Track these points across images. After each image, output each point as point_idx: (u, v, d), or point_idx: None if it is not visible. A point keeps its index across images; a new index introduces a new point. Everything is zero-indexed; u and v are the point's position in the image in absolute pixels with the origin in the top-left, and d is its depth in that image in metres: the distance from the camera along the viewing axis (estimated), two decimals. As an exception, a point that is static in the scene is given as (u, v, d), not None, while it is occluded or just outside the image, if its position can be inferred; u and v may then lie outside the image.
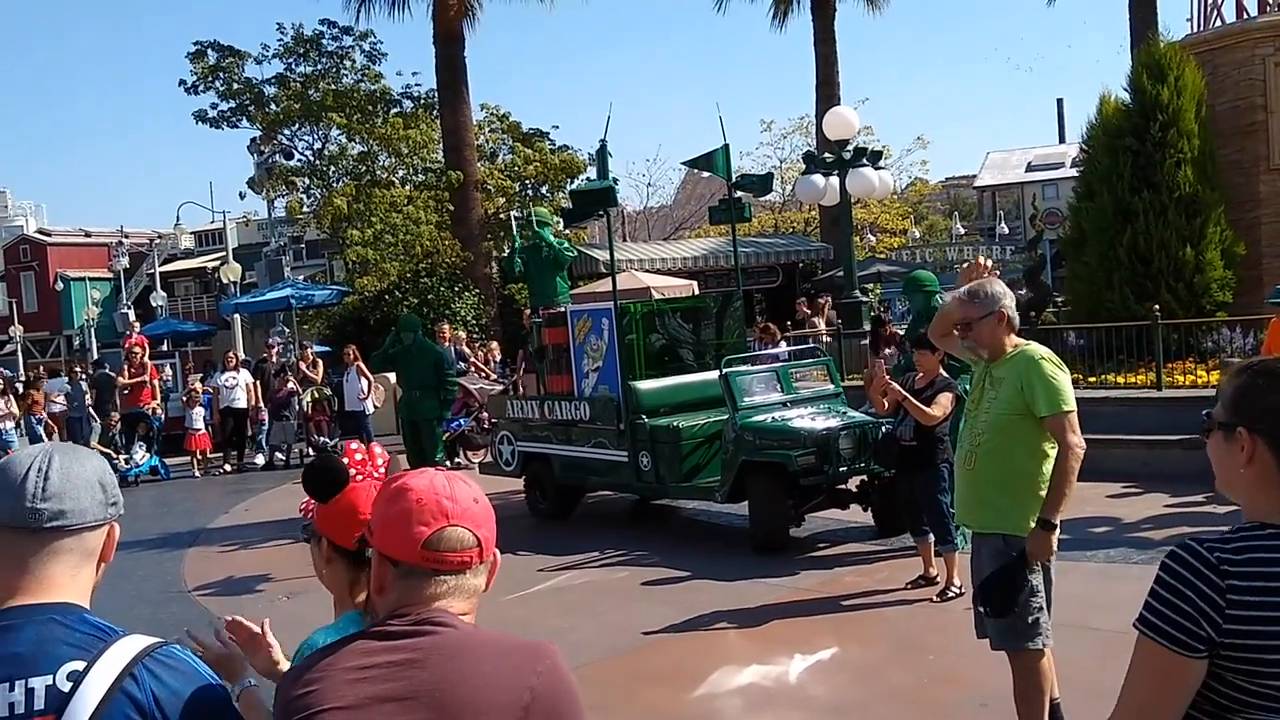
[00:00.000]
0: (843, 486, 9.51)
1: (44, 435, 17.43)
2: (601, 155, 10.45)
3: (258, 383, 18.84)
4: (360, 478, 2.60)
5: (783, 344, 15.46)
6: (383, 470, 2.64)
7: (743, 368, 9.96)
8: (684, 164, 11.91)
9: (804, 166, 19.02)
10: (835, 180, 16.75)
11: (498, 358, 18.66)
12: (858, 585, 8.08)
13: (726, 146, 10.60)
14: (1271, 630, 1.84)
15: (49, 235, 69.07)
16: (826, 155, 17.37)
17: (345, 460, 2.63)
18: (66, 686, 1.79)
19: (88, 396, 19.13)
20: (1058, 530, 4.45)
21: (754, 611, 7.60)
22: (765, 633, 7.22)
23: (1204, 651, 1.86)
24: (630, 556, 9.52)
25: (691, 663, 6.70)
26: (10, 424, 16.82)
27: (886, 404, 7.68)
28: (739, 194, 11.45)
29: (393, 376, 18.86)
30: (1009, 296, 4.72)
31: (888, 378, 7.61)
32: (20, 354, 53.81)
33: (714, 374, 9.98)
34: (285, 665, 2.59)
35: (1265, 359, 2.15)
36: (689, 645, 7.09)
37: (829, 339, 17.05)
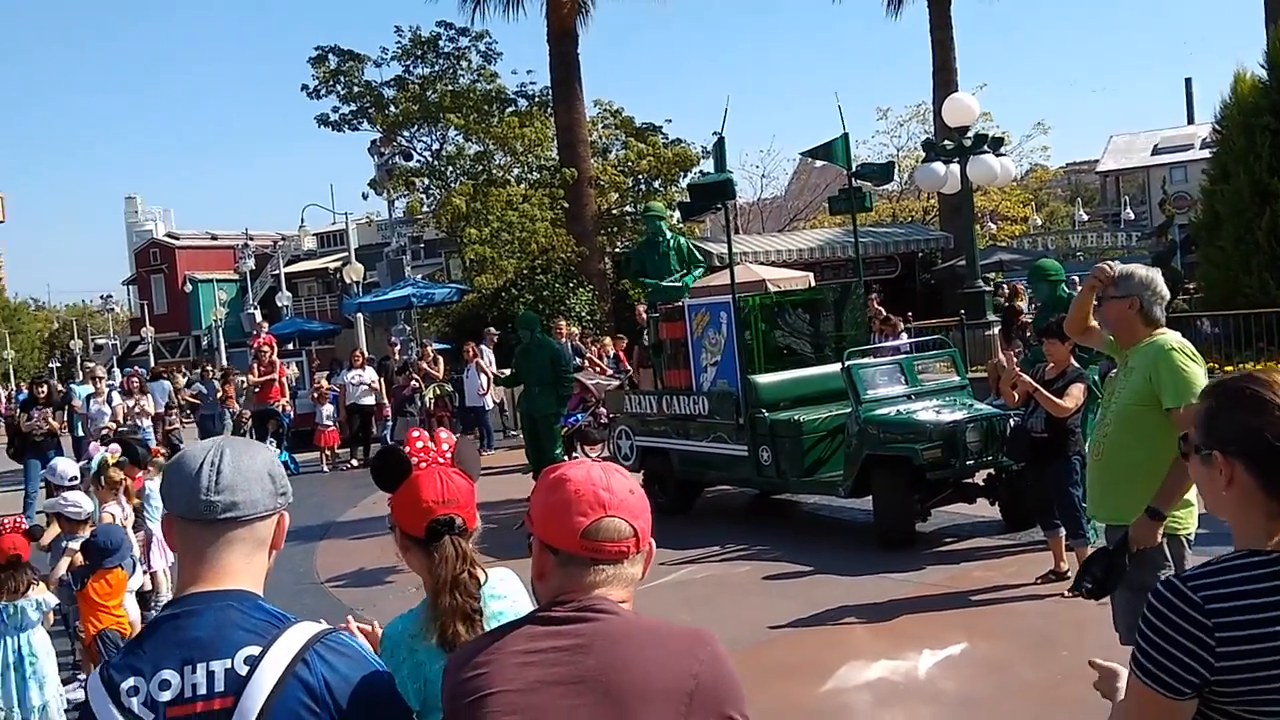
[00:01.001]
0: (969, 480, 9.33)
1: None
2: (719, 148, 10.41)
3: (382, 380, 19.28)
4: (424, 465, 2.64)
5: (903, 335, 15.26)
6: (448, 455, 2.68)
7: (865, 360, 9.83)
8: (802, 154, 11.82)
9: (921, 155, 18.74)
10: (955, 168, 16.45)
11: (611, 353, 18.77)
12: (986, 580, 7.93)
13: (846, 135, 10.49)
14: (1265, 662, 1.77)
15: (177, 239, 71.61)
16: (946, 142, 17.05)
17: (407, 449, 2.68)
18: (244, 670, 1.86)
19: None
20: (1164, 520, 4.29)
21: (880, 606, 7.51)
22: (892, 628, 7.13)
23: (1195, 691, 1.81)
24: (751, 551, 9.49)
25: (818, 657, 6.66)
26: (147, 421, 17.47)
27: (1016, 396, 7.51)
28: (859, 183, 11.31)
29: (507, 371, 19.19)
30: (1154, 288, 4.53)
31: (1017, 369, 7.45)
32: (152, 354, 55.91)
33: (835, 367, 9.89)
34: None
35: (1227, 378, 2.06)
36: (815, 639, 7.04)
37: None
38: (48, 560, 7.39)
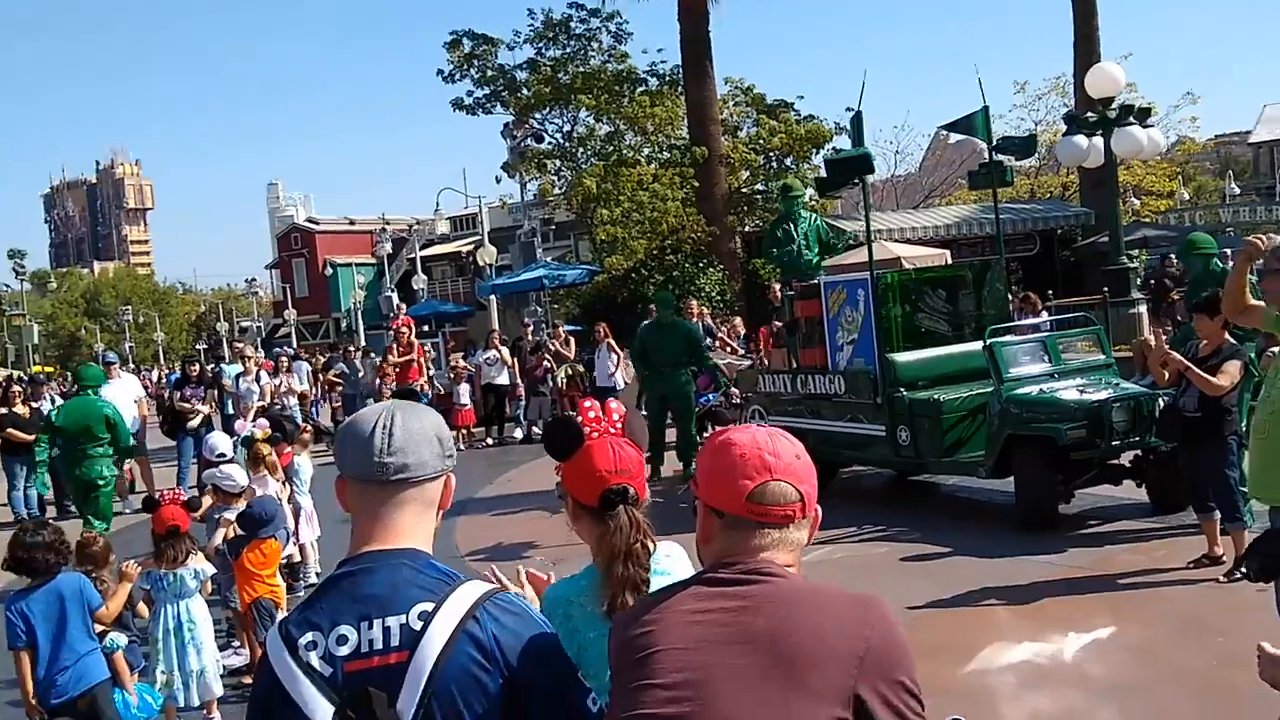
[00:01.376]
0: (1115, 461, 9.06)
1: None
2: (856, 122, 10.28)
3: (515, 360, 19.58)
4: (595, 435, 2.67)
5: (1044, 314, 14.87)
6: (619, 426, 2.70)
7: (1008, 338, 9.62)
8: (942, 128, 11.60)
9: (1060, 129, 18.18)
10: (1099, 140, 15.94)
11: (740, 333, 18.70)
12: (1134, 564, 7.71)
13: (986, 108, 10.25)
14: None
15: (317, 224, 73.78)
16: (1089, 115, 16.54)
17: (580, 419, 2.71)
18: (418, 625, 1.92)
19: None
20: None
21: (1023, 589, 7.36)
22: (1036, 610, 6.99)
23: None
24: (889, 532, 9.39)
25: (960, 638, 6.56)
26: (294, 399, 18.07)
27: (1166, 375, 7.27)
28: (999, 157, 11.05)
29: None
30: None
31: (1167, 346, 7.21)
32: (294, 336, 57.75)
33: (975, 345, 9.69)
34: None
35: None
36: (956, 620, 6.95)
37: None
38: (204, 532, 7.73)
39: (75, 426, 10.76)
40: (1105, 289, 15.95)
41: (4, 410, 14.75)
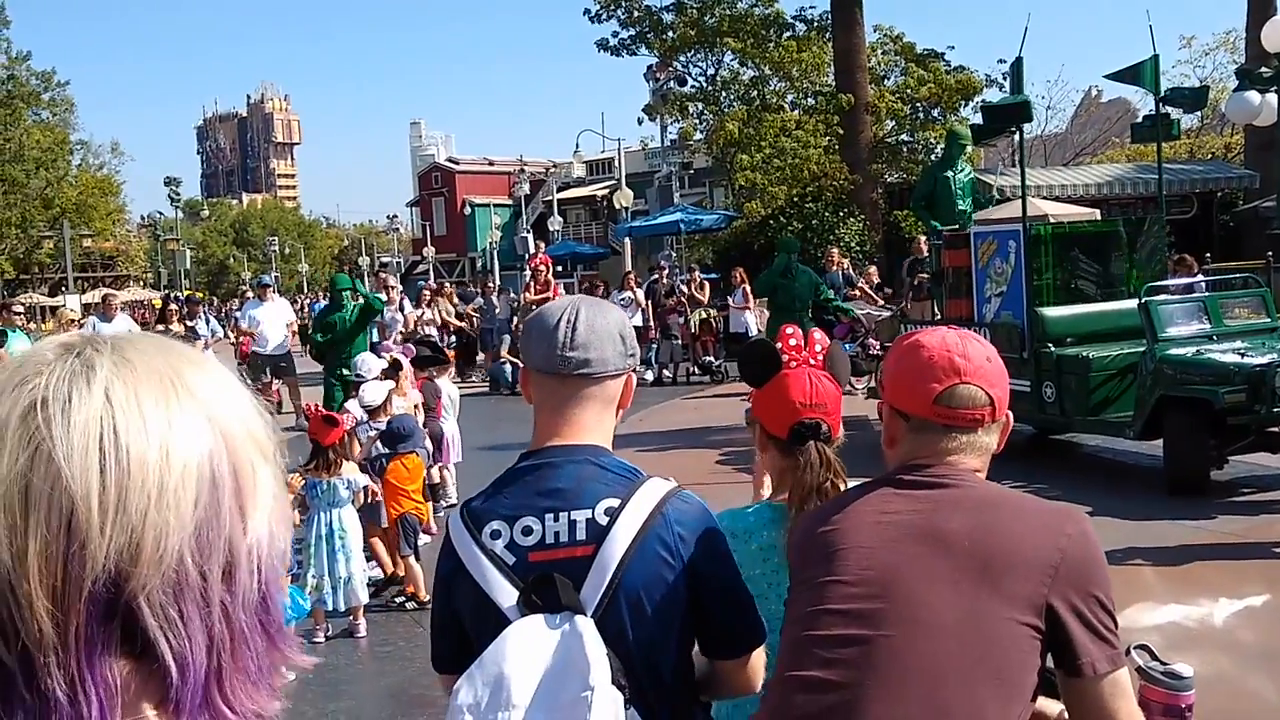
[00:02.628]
0: (1275, 429, 8.71)
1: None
2: (1017, 69, 9.97)
3: (649, 303, 19.64)
4: (794, 364, 2.61)
5: (1199, 277, 14.31)
6: (820, 358, 2.63)
7: (1164, 296, 9.29)
8: (1106, 77, 11.14)
9: (1228, 87, 17.35)
10: (1272, 98, 15.13)
11: (874, 282, 18.41)
12: (1291, 534, 7.43)
13: (1156, 57, 9.84)
14: None
15: (457, 164, 74.92)
16: (1262, 69, 15.71)
17: (779, 346, 2.66)
18: (604, 520, 1.96)
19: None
20: None
21: (1170, 551, 7.17)
22: (1184, 573, 6.80)
23: None
24: (1029, 489, 9.11)
25: (1104, 596, 6.42)
26: (433, 330, 18.47)
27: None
28: (1166, 109, 10.61)
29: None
30: None
31: None
32: (431, 273, 58.89)
33: (1129, 303, 9.39)
34: None
35: None
36: (1099, 579, 6.79)
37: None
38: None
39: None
40: (1269, 254, 15.26)
41: (161, 327, 15.42)
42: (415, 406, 9.08)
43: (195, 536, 0.87)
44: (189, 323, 15.93)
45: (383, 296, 17.61)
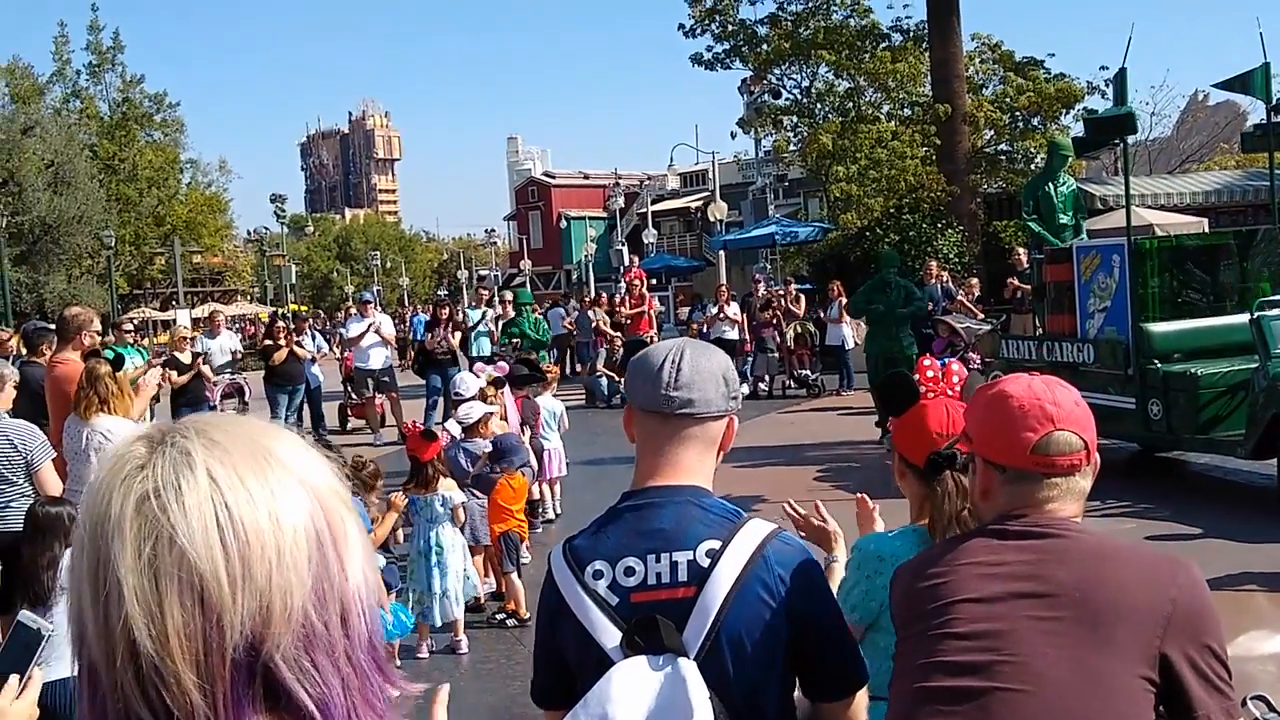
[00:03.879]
0: (1396, 449, 8.41)
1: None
2: (1120, 80, 9.79)
3: (744, 316, 19.60)
4: (932, 395, 2.64)
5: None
6: (958, 389, 2.66)
7: (1277, 311, 9.03)
8: (1214, 86, 10.89)
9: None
10: (1391, 102, 14.64)
11: (975, 294, 18.15)
12: None
13: (1267, 65, 9.58)
14: None
15: (553, 178, 75.63)
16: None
17: (917, 377, 2.69)
18: (705, 563, 1.97)
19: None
20: None
21: (1284, 576, 6.96)
22: (1299, 600, 6.60)
23: None
24: (1135, 509, 9.00)
25: (1215, 623, 6.25)
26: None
27: None
28: (1278, 118, 10.31)
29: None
30: None
31: None
32: (528, 285, 59.53)
33: (1239, 318, 9.14)
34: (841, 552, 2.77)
35: None
36: (1210, 604, 6.61)
37: None
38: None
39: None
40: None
41: (269, 343, 15.81)
42: (519, 425, 9.18)
43: (314, 591, 0.95)
44: (297, 338, 16.28)
45: (480, 311, 17.88)
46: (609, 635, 1.97)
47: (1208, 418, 9.13)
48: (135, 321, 25.98)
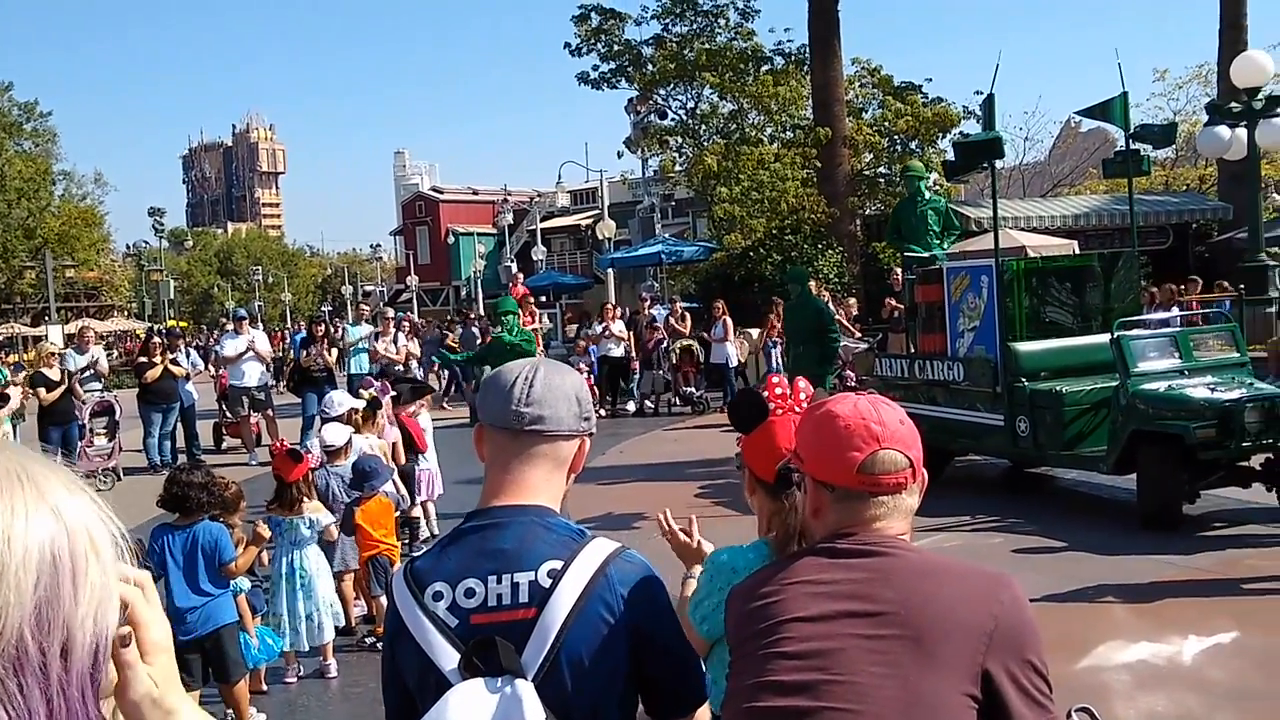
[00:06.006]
0: (1245, 464, 8.76)
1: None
2: (988, 106, 10.07)
3: (631, 334, 19.65)
4: (780, 411, 2.67)
5: (1174, 309, 14.44)
6: (805, 405, 2.69)
7: (1136, 331, 9.36)
8: (1077, 113, 11.25)
9: (1201, 119, 17.55)
10: (1242, 132, 15.38)
11: (853, 314, 18.48)
12: (1261, 569, 7.47)
13: (1125, 94, 9.94)
14: None
15: (441, 193, 75.01)
16: (1232, 105, 15.93)
17: (766, 394, 2.72)
18: (547, 583, 1.95)
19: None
20: None
21: (1142, 588, 7.19)
22: (1155, 610, 6.82)
23: None
24: (1004, 523, 9.24)
25: (1074, 633, 6.43)
26: (414, 363, 18.43)
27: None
28: (1136, 145, 10.72)
29: (755, 332, 19.23)
30: None
31: None
32: (415, 301, 58.87)
33: (1101, 338, 9.46)
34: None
35: None
36: (1070, 615, 6.80)
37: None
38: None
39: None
40: (1241, 286, 15.40)
41: (144, 360, 15.36)
42: (394, 444, 9.02)
43: (35, 615, 0.94)
44: (170, 355, 15.83)
45: (361, 329, 17.62)
46: (447, 658, 1.93)
47: (1072, 434, 9.41)
48: (1, 337, 24.98)
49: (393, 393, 9.70)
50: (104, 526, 1.02)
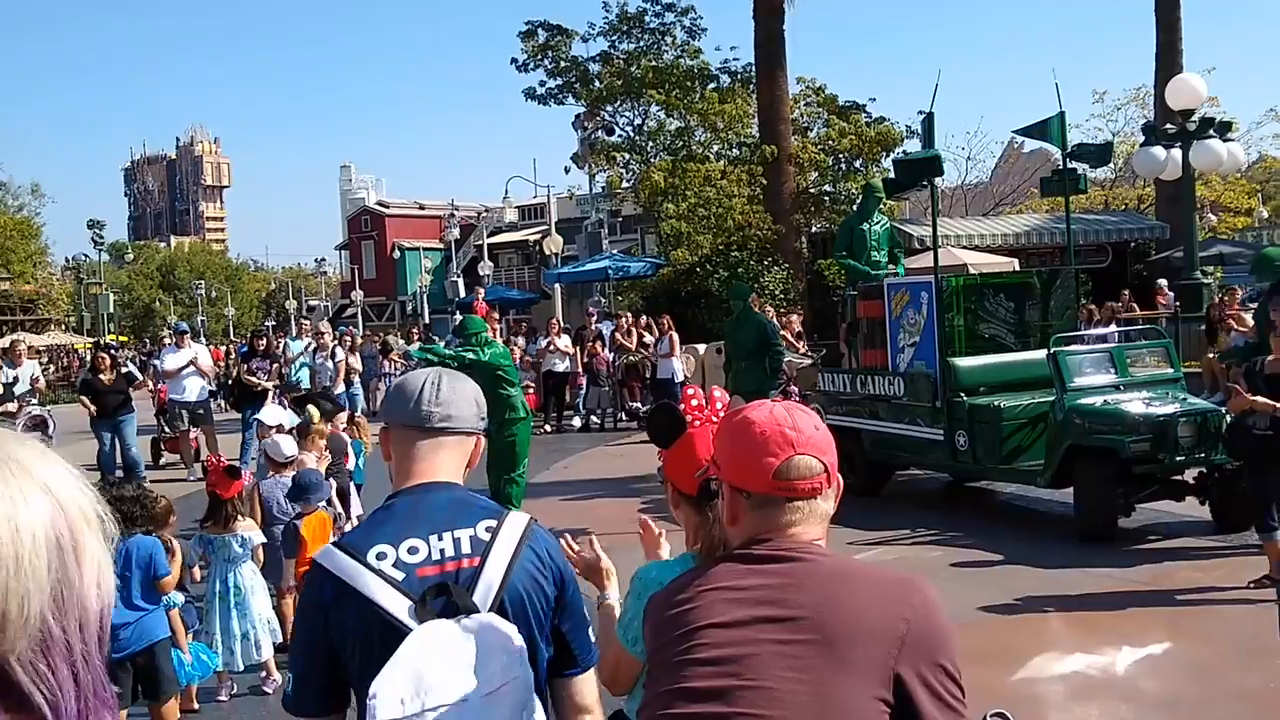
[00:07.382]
0: (1179, 477, 8.91)
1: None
2: (927, 124, 10.21)
3: (577, 349, 19.62)
4: (698, 423, 2.67)
5: (1112, 325, 14.67)
6: (722, 415, 2.69)
7: (1073, 347, 9.50)
8: (1015, 132, 11.44)
9: (1139, 140, 17.88)
10: (1177, 153, 15.68)
11: (797, 330, 18.56)
12: (1193, 580, 7.58)
13: (1062, 114, 10.12)
14: None
15: (387, 207, 74.46)
16: (1168, 126, 16.26)
17: (683, 407, 2.71)
18: (486, 537, 2.18)
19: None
20: None
21: (1077, 599, 7.28)
22: (1090, 621, 6.91)
23: None
24: (943, 536, 9.31)
25: (1010, 645, 6.49)
26: (356, 378, 18.27)
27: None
28: (1073, 164, 10.89)
29: (701, 347, 19.28)
30: None
31: (1245, 393, 7.02)
32: (360, 316, 58.42)
33: (1039, 353, 9.59)
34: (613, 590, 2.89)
35: None
36: (1007, 628, 6.87)
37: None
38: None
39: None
40: (1177, 303, 15.71)
41: (90, 376, 15.01)
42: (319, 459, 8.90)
43: (53, 598, 0.98)
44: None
45: (302, 343, 17.44)
46: (397, 606, 2.07)
47: (1010, 448, 9.53)
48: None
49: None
50: (85, 492, 1.05)
